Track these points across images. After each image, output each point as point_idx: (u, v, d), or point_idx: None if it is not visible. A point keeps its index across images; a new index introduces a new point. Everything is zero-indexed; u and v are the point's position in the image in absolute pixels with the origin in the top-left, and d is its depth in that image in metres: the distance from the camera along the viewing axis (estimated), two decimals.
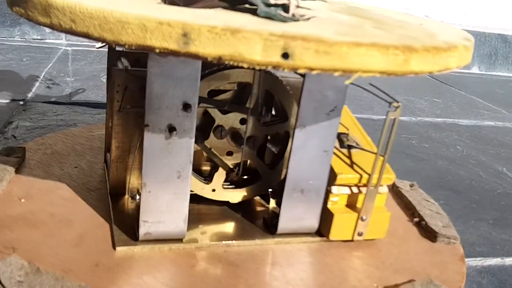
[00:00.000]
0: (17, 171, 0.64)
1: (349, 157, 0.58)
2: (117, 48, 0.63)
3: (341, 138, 0.60)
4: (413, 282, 0.51)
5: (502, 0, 2.14)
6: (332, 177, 0.56)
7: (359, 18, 0.50)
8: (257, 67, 0.36)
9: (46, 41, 1.70)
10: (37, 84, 1.26)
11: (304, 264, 0.53)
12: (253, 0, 0.43)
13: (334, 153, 0.57)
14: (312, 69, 0.36)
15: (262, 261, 0.53)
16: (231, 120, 0.57)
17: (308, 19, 0.44)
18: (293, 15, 0.43)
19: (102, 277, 0.47)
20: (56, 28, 0.39)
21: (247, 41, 0.35)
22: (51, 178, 0.64)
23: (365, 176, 0.56)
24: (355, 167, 0.57)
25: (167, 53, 0.36)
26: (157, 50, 0.36)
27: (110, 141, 0.58)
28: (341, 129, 0.62)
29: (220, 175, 0.59)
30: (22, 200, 0.58)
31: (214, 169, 0.59)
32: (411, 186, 0.73)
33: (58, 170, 0.66)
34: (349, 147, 0.59)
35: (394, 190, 0.73)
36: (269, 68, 0.36)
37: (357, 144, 0.60)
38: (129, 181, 0.60)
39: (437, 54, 0.40)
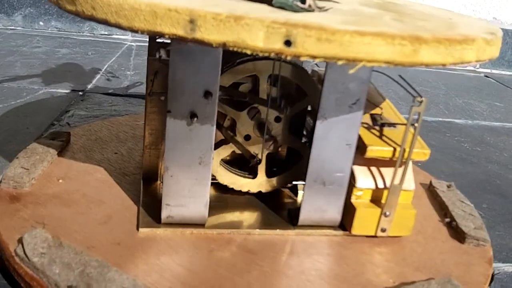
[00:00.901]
0: (60, 154, 0.68)
1: (381, 133, 0.57)
2: (157, 40, 0.66)
3: (374, 117, 0.60)
4: (430, 280, 0.51)
5: None
6: (362, 150, 0.55)
7: (384, 11, 0.50)
8: (260, 54, 0.37)
9: (113, 36, 1.77)
10: (98, 76, 1.31)
11: (322, 256, 0.54)
12: None
13: (366, 129, 0.57)
14: (314, 57, 0.37)
15: (280, 250, 0.54)
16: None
17: (326, 10, 0.45)
18: (310, 5, 0.44)
19: (121, 255, 0.50)
20: (81, 15, 0.42)
21: (250, 27, 0.36)
22: (90, 162, 0.67)
23: (398, 149, 0.55)
24: (386, 140, 0.56)
25: (175, 39, 0.38)
26: (167, 36, 0.37)
27: (145, 127, 0.61)
28: (375, 110, 0.62)
29: (262, 168, 0.60)
30: (60, 181, 0.61)
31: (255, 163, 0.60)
32: (448, 186, 0.72)
33: (98, 155, 0.69)
34: (382, 125, 0.58)
35: (430, 190, 0.72)
36: (272, 55, 0.37)
37: (391, 123, 0.60)
38: (161, 166, 0.62)
39: (450, 46, 0.40)
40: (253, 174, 0.61)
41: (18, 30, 1.71)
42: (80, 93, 1.17)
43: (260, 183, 0.61)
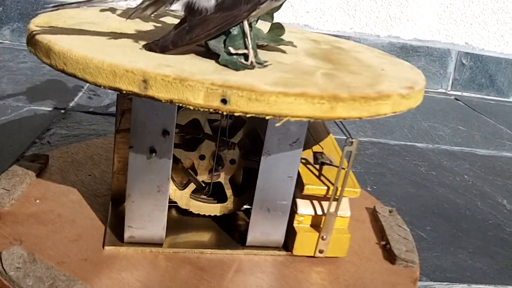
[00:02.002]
0: (39, 175, 0.75)
1: (320, 172, 0.65)
2: None
3: (316, 156, 0.68)
4: None
5: None
6: (300, 187, 0.63)
7: (323, 62, 0.58)
8: (201, 109, 0.45)
9: None
10: (80, 94, 1.39)
11: (265, 274, 0.61)
12: (217, 49, 0.52)
13: (307, 168, 0.65)
14: (246, 113, 0.45)
15: (227, 268, 0.61)
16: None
17: (266, 66, 0.53)
18: (251, 62, 0.52)
19: (87, 270, 0.57)
20: (54, 68, 0.49)
21: (192, 88, 0.44)
22: (66, 184, 0.74)
23: (332, 188, 0.63)
24: (323, 180, 0.64)
25: (131, 94, 0.45)
26: (124, 92, 0.45)
27: (114, 155, 0.68)
28: (318, 149, 0.70)
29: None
30: (37, 201, 0.69)
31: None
32: (390, 211, 0.80)
33: (73, 177, 0.76)
34: (322, 163, 0.66)
35: (374, 214, 0.80)
36: (211, 111, 0.45)
37: (330, 161, 0.67)
38: None
39: (365, 103, 0.48)
40: (218, 199, 0.69)
41: (6, 44, 1.78)
42: (62, 111, 1.24)
43: (228, 205, 0.69)
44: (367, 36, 2.00)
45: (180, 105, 0.45)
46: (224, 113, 0.45)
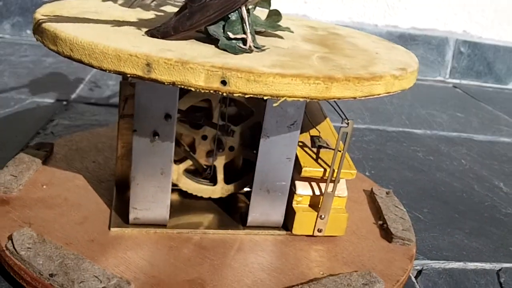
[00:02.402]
0: (44, 162, 0.77)
1: (317, 155, 0.67)
2: None
3: (314, 139, 0.70)
4: (353, 273, 0.61)
5: None
6: (298, 170, 0.65)
7: (319, 47, 0.60)
8: (202, 91, 0.47)
9: None
10: (81, 86, 1.40)
11: (265, 252, 0.64)
12: (216, 35, 0.54)
13: (304, 151, 0.67)
14: (245, 94, 0.47)
15: (229, 247, 0.64)
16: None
17: (263, 50, 0.55)
18: (250, 47, 0.53)
19: (94, 250, 0.59)
20: (61, 54, 0.51)
21: (193, 70, 0.46)
22: (71, 170, 0.76)
23: (328, 170, 0.65)
24: (320, 162, 0.66)
25: (136, 77, 0.47)
26: (129, 75, 0.47)
27: (118, 141, 0.70)
28: (315, 132, 0.72)
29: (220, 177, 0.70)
30: (44, 187, 0.71)
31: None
32: (387, 193, 0.82)
33: (78, 164, 0.79)
34: (319, 147, 0.68)
35: (371, 196, 0.82)
36: (212, 92, 0.47)
37: (327, 144, 0.69)
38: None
39: (359, 83, 0.50)
40: (213, 182, 0.71)
41: (7, 39, 1.80)
42: (64, 102, 1.26)
43: (217, 189, 0.71)
44: (365, 26, 2.01)
45: (182, 87, 0.47)
46: (225, 94, 0.47)
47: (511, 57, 2.15)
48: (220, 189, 0.71)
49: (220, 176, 0.70)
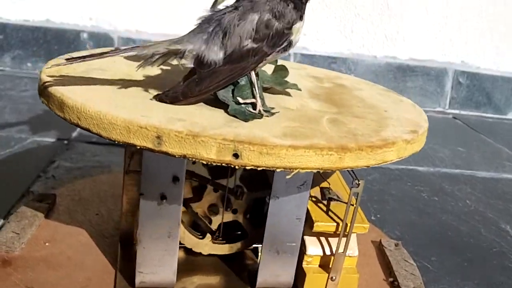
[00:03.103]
0: (47, 216, 0.76)
1: (328, 207, 0.66)
2: None
3: (324, 192, 0.69)
4: None
5: None
6: (309, 225, 0.63)
7: (326, 105, 0.59)
8: (214, 164, 0.45)
9: None
10: None
11: None
12: (226, 100, 0.53)
13: (315, 204, 0.66)
14: (258, 167, 0.46)
15: None
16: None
17: (273, 114, 0.54)
18: (259, 111, 0.53)
19: None
20: (68, 121, 0.50)
21: (205, 144, 0.45)
22: (74, 224, 0.75)
23: (341, 224, 0.63)
24: (332, 216, 0.65)
25: (145, 150, 0.46)
26: (138, 147, 0.46)
27: (122, 196, 0.69)
28: (324, 184, 0.70)
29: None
30: (47, 244, 0.69)
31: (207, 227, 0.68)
32: (396, 245, 0.81)
33: (81, 216, 0.77)
34: (330, 199, 0.67)
35: (380, 248, 0.81)
36: (223, 165, 0.46)
37: (337, 197, 0.68)
38: (135, 232, 0.70)
39: (372, 151, 0.49)
40: (219, 239, 0.69)
41: (7, 72, 1.79)
42: (65, 141, 1.25)
43: (225, 247, 0.69)
44: (364, 57, 2.01)
45: (193, 159, 0.45)
46: (237, 167, 0.46)
47: (509, 87, 2.15)
48: (227, 247, 0.69)
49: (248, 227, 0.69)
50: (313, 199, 0.66)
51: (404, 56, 2.04)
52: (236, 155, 0.45)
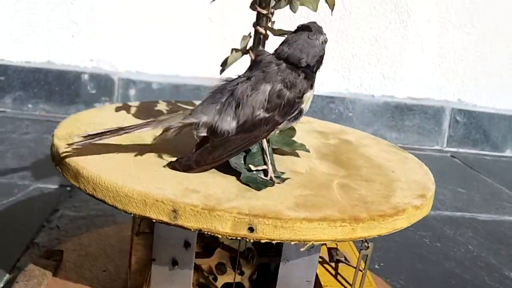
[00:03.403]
0: (55, 273, 0.76)
1: (336, 270, 0.66)
2: None
3: (331, 253, 0.69)
4: None
5: None
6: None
7: (335, 168, 0.60)
8: (229, 237, 0.46)
9: None
10: None
11: None
12: (238, 167, 0.54)
13: (323, 266, 0.66)
14: (272, 240, 0.46)
15: None
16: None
17: (284, 181, 0.54)
18: (271, 178, 0.53)
19: None
20: (83, 191, 0.51)
21: (220, 218, 0.45)
22: (82, 282, 0.75)
23: None
24: (340, 279, 0.65)
25: (161, 222, 0.47)
26: (154, 220, 0.47)
27: (131, 256, 0.69)
28: (332, 244, 0.71)
29: None
30: None
31: None
32: None
33: (88, 273, 0.77)
34: (337, 261, 0.68)
35: None
36: (238, 238, 0.47)
37: (345, 258, 0.69)
38: None
39: (383, 221, 0.50)
40: None
41: (8, 113, 1.80)
42: (68, 188, 1.25)
43: None
44: (362, 96, 2.04)
45: (209, 233, 0.46)
46: (251, 241, 0.47)
47: (506, 124, 2.17)
48: None
49: None
50: (320, 259, 0.66)
51: (401, 95, 2.06)
52: (251, 229, 0.46)
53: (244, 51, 0.63)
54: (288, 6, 0.57)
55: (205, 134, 0.53)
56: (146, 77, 1.88)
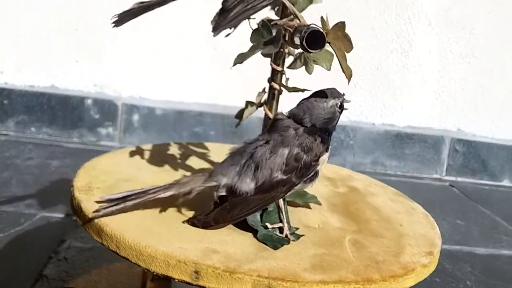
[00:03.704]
0: None
1: None
2: None
3: None
4: None
5: None
6: None
7: (346, 222, 0.63)
8: None
9: (101, 143, 1.88)
10: None
11: None
12: (255, 225, 0.56)
13: None
14: None
15: None
16: None
17: (299, 238, 0.57)
18: (286, 235, 0.56)
19: None
20: (106, 247, 0.53)
21: (241, 280, 0.48)
22: None
23: None
24: None
25: (183, 282, 0.49)
26: (176, 280, 0.49)
27: None
28: None
29: None
30: None
31: None
32: None
33: None
34: None
35: None
36: None
37: None
38: None
39: (394, 281, 0.52)
40: None
41: (11, 136, 1.81)
42: (74, 217, 1.26)
43: None
44: (363, 125, 2.06)
45: None
46: None
47: (504, 154, 2.19)
48: None
49: None
50: None
51: (402, 123, 2.09)
52: None
53: (259, 105, 0.65)
54: (304, 67, 0.60)
55: (225, 194, 0.56)
56: (149, 103, 1.90)
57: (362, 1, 1.95)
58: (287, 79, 0.64)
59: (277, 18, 0.60)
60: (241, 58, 0.62)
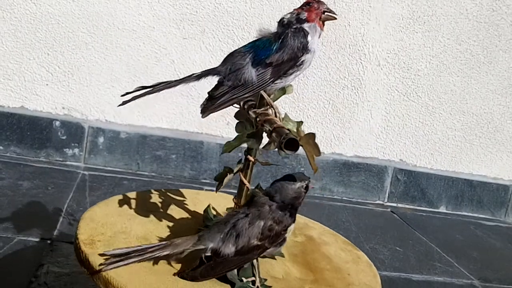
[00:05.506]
0: None
1: None
2: None
3: None
4: None
5: (469, 148, 2.42)
6: None
7: (305, 272, 0.77)
8: None
9: (67, 163, 1.96)
10: (60, 219, 1.50)
11: None
12: (233, 279, 0.70)
13: None
14: None
15: None
16: None
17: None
18: (257, 287, 0.69)
19: None
20: None
21: None
22: None
23: None
24: None
25: None
26: None
27: None
28: None
29: None
30: None
31: None
32: None
33: None
34: None
35: None
36: None
37: None
38: None
39: None
40: None
41: None
42: (49, 241, 1.35)
43: None
44: None
45: None
46: None
47: (441, 184, 2.39)
48: None
49: None
50: None
51: (349, 153, 2.26)
52: None
53: (236, 173, 0.79)
54: (277, 149, 0.74)
55: (210, 255, 0.69)
56: (115, 127, 1.99)
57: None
58: (261, 154, 0.78)
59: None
60: (228, 147, 0.76)
